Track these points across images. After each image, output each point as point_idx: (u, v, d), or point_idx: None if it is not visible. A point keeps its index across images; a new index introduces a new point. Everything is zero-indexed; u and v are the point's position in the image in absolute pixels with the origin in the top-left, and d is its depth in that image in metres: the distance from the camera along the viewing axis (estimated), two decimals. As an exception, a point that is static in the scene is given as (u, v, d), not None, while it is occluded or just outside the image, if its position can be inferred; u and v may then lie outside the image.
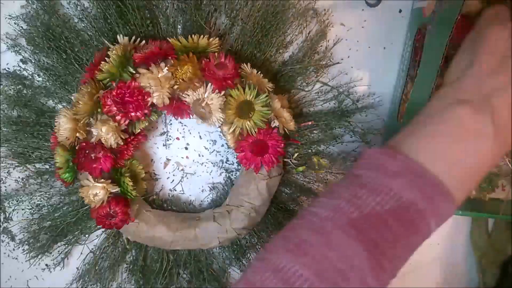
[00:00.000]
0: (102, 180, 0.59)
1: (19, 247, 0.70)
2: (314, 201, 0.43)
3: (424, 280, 0.75)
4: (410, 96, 0.59)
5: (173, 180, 0.71)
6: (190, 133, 0.70)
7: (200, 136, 0.70)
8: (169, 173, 0.71)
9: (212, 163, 0.71)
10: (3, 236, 0.72)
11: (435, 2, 0.55)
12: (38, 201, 0.69)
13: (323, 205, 0.41)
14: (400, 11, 0.65)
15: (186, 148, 0.70)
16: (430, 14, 0.56)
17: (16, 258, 0.72)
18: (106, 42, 0.61)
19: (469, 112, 0.40)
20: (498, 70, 0.42)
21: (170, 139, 0.70)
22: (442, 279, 0.75)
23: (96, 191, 0.59)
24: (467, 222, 0.73)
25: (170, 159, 0.71)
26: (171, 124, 0.69)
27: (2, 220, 0.71)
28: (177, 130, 0.70)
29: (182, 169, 0.71)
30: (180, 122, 0.69)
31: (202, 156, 0.71)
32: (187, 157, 0.71)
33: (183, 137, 0.70)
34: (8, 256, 0.73)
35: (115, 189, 0.60)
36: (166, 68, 0.57)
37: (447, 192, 0.39)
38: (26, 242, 0.69)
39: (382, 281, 0.38)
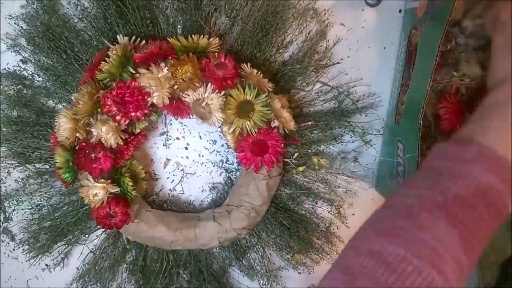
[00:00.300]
0: (102, 180, 0.59)
1: (19, 247, 0.70)
2: (392, 194, 0.44)
3: None
4: (406, 97, 0.59)
5: (173, 180, 0.71)
6: (190, 133, 0.70)
7: (200, 136, 0.70)
8: (169, 173, 0.71)
9: (212, 163, 0.71)
10: (3, 236, 0.72)
11: (427, 2, 0.55)
12: (38, 201, 0.69)
13: (404, 195, 0.42)
14: (400, 11, 0.65)
15: (186, 148, 0.70)
16: (423, 14, 0.56)
17: (16, 258, 0.72)
18: (106, 42, 0.61)
19: None
20: None
21: (170, 139, 0.70)
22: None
23: (96, 191, 0.58)
24: None
25: (170, 159, 0.71)
26: (171, 124, 0.69)
27: (2, 220, 0.71)
28: (177, 130, 0.70)
29: (182, 169, 0.71)
30: (180, 122, 0.69)
31: (202, 156, 0.71)
32: (187, 157, 0.71)
33: (183, 137, 0.70)
34: (8, 256, 0.73)
35: (115, 189, 0.60)
36: (166, 68, 0.57)
37: None
38: (26, 242, 0.69)
39: (472, 259, 0.39)
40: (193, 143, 0.70)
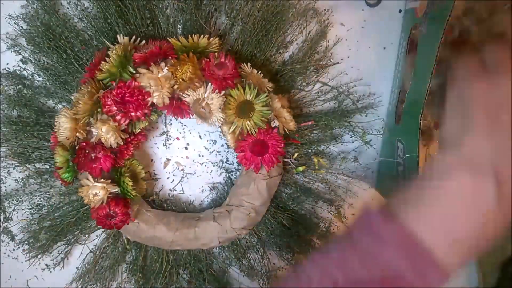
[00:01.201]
0: (102, 180, 0.59)
1: (19, 247, 0.70)
2: (310, 256, 0.43)
3: None
4: (406, 97, 0.59)
5: (173, 180, 0.71)
6: (190, 133, 0.70)
7: (200, 136, 0.70)
8: (169, 173, 0.71)
9: (212, 163, 0.71)
10: (3, 236, 0.72)
11: (427, 2, 0.55)
12: (38, 201, 0.69)
13: (315, 262, 0.41)
14: (400, 11, 0.65)
15: (186, 148, 0.70)
16: (422, 14, 0.56)
17: (16, 258, 0.72)
18: (106, 42, 0.61)
19: (470, 179, 0.38)
20: (494, 133, 0.40)
21: (170, 139, 0.70)
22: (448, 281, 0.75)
23: (95, 191, 0.58)
24: None
25: (170, 159, 0.71)
26: (171, 124, 0.69)
27: (2, 220, 0.70)
28: (177, 130, 0.70)
29: (182, 169, 0.71)
30: (180, 122, 0.69)
31: (202, 156, 0.71)
32: (187, 157, 0.71)
33: (183, 137, 0.70)
34: (8, 256, 0.73)
35: (115, 189, 0.60)
36: (166, 68, 0.57)
37: (439, 266, 0.37)
38: (26, 242, 0.69)
39: None
40: (193, 143, 0.70)
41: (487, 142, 0.40)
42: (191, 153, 0.71)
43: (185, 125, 0.70)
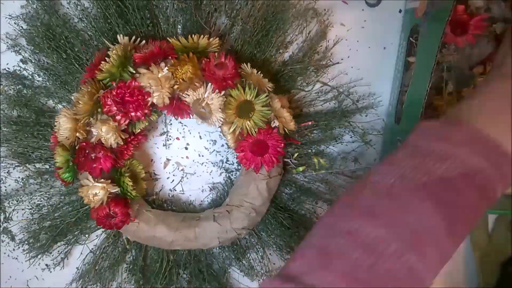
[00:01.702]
0: (102, 180, 0.59)
1: (19, 247, 0.70)
2: (371, 172, 0.42)
3: None
4: (406, 97, 0.59)
5: (173, 180, 0.71)
6: (190, 133, 0.70)
7: (200, 136, 0.70)
8: (169, 173, 0.71)
9: (212, 163, 0.71)
10: (3, 236, 0.72)
11: (426, 2, 0.55)
12: (38, 201, 0.69)
13: (384, 174, 0.40)
14: (400, 11, 0.65)
15: (186, 148, 0.70)
16: (422, 14, 0.56)
17: (16, 258, 0.72)
18: (106, 42, 0.61)
19: None
20: None
21: (170, 139, 0.70)
22: (441, 279, 0.75)
23: (95, 191, 0.58)
24: None
25: (170, 159, 0.71)
26: (171, 124, 0.69)
27: (2, 220, 0.70)
28: (177, 130, 0.70)
29: (182, 169, 0.71)
30: (180, 122, 0.69)
31: (202, 156, 0.71)
32: (187, 157, 0.71)
33: (183, 137, 0.70)
34: (8, 256, 0.73)
35: (115, 189, 0.60)
36: (166, 68, 0.57)
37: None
38: (26, 242, 0.69)
39: (456, 242, 0.38)
40: (193, 143, 0.70)
41: None
42: (191, 153, 0.71)
43: (185, 125, 0.70)
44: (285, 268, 0.39)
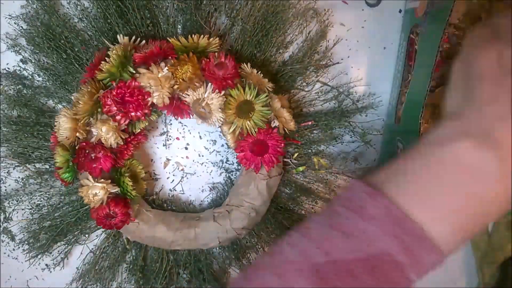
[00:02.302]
0: (102, 180, 0.59)
1: (19, 247, 0.70)
2: (287, 235, 0.39)
3: (424, 280, 0.75)
4: (405, 98, 0.59)
5: (173, 180, 0.71)
6: (190, 133, 0.70)
7: (200, 136, 0.70)
8: (169, 173, 0.71)
9: (212, 163, 0.71)
10: (3, 236, 0.72)
11: (426, 2, 0.55)
12: (38, 201, 0.69)
13: (294, 242, 0.37)
14: (400, 11, 0.65)
15: (186, 148, 0.70)
16: (422, 14, 0.56)
17: (16, 258, 0.72)
18: (106, 42, 0.61)
19: (470, 147, 0.34)
20: (496, 98, 0.36)
21: (170, 139, 0.70)
22: (442, 279, 0.75)
23: (95, 191, 0.58)
24: None
25: (170, 159, 0.71)
26: (171, 124, 0.69)
27: (2, 220, 0.70)
28: (177, 130, 0.70)
29: (182, 169, 0.71)
30: (180, 122, 0.69)
31: (202, 156, 0.71)
32: (187, 157, 0.71)
33: (183, 137, 0.70)
34: (8, 256, 0.73)
35: (115, 189, 0.60)
36: (166, 68, 0.57)
37: (431, 243, 0.34)
38: (26, 242, 0.69)
39: None
40: (193, 143, 0.70)
41: (490, 110, 0.36)
42: (191, 153, 0.71)
43: (185, 125, 0.70)
44: None
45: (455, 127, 0.37)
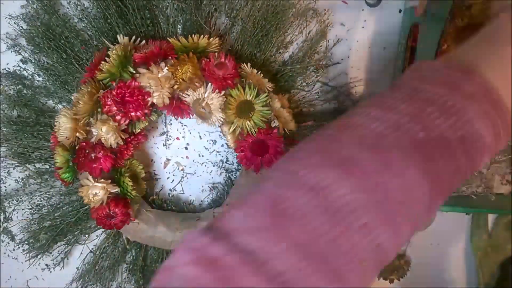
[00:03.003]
0: (102, 180, 0.59)
1: (19, 247, 0.70)
2: (356, 111, 0.34)
3: (424, 280, 0.75)
4: None
5: (173, 180, 0.71)
6: (190, 133, 0.70)
7: (200, 136, 0.70)
8: (169, 173, 0.71)
9: (212, 163, 0.71)
10: (3, 236, 0.72)
11: (426, 1, 0.55)
12: (38, 201, 0.69)
13: (375, 117, 0.32)
14: (400, 11, 0.65)
15: (186, 148, 0.70)
16: (422, 13, 0.56)
17: (16, 258, 0.73)
18: (106, 42, 0.61)
19: None
20: None
21: (170, 139, 0.70)
22: (442, 279, 0.75)
23: (95, 191, 0.58)
24: (467, 222, 0.73)
25: (170, 159, 0.71)
26: (171, 124, 0.69)
27: (2, 220, 0.71)
28: (177, 130, 0.70)
29: (182, 169, 0.71)
30: (180, 122, 0.69)
31: (202, 156, 0.71)
32: (187, 157, 0.71)
33: (183, 137, 0.70)
34: (8, 256, 0.73)
35: (115, 189, 0.60)
36: (166, 68, 0.57)
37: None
38: (26, 242, 0.69)
39: (433, 213, 0.33)
40: (193, 143, 0.70)
41: None
42: (191, 153, 0.71)
43: (185, 125, 0.70)
44: (222, 217, 0.30)
45: None
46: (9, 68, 0.66)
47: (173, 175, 0.71)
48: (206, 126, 0.67)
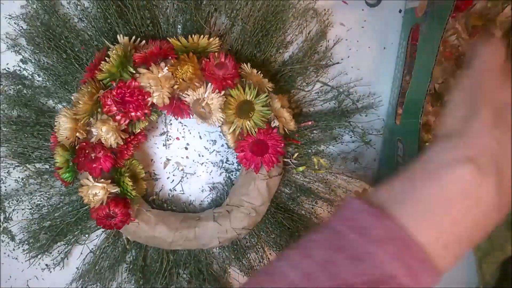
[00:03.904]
0: (102, 180, 0.59)
1: (19, 247, 0.70)
2: (285, 254, 0.38)
3: None
4: (406, 97, 0.59)
5: (173, 180, 0.71)
6: (190, 133, 0.70)
7: (200, 136, 0.70)
8: (169, 173, 0.71)
9: (212, 163, 0.71)
10: (3, 236, 0.72)
11: (427, 2, 0.55)
12: (38, 201, 0.69)
13: (293, 263, 0.36)
14: (400, 11, 0.65)
15: (186, 148, 0.70)
16: (422, 14, 0.56)
17: (16, 258, 0.73)
18: (106, 42, 0.61)
19: (473, 173, 0.35)
20: (499, 125, 0.38)
21: (170, 139, 0.70)
22: (442, 279, 0.75)
23: (95, 191, 0.58)
24: None
25: (170, 159, 0.71)
26: (171, 124, 0.69)
27: (2, 220, 0.70)
28: (177, 130, 0.70)
29: (182, 169, 0.71)
30: (180, 122, 0.69)
31: (202, 156, 0.71)
32: (187, 157, 0.71)
33: (183, 137, 0.70)
34: (8, 256, 0.73)
35: (115, 189, 0.60)
36: (166, 68, 0.57)
37: (433, 266, 0.35)
38: (26, 242, 0.69)
39: None
40: (193, 143, 0.70)
41: (490, 136, 0.37)
42: (191, 153, 0.71)
43: (185, 125, 0.70)
44: None
45: (457, 148, 0.37)
46: (9, 68, 0.66)
47: (173, 175, 0.71)
48: (206, 126, 0.67)
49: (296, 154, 0.67)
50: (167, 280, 0.70)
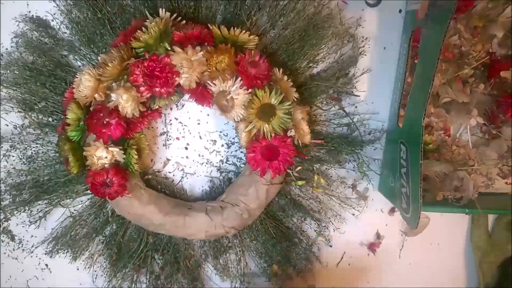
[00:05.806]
0: (113, 145, 0.58)
1: (8, 216, 0.67)
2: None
3: (424, 280, 0.77)
4: (408, 99, 0.59)
5: (173, 180, 0.71)
6: (190, 133, 0.70)
7: (200, 136, 0.70)
8: (169, 173, 0.71)
9: (212, 163, 0.71)
10: (3, 236, 0.70)
11: (428, 4, 0.55)
12: (32, 152, 0.66)
13: None
14: (400, 11, 0.66)
15: (186, 148, 0.70)
16: (424, 16, 0.57)
17: (16, 258, 0.71)
18: (146, 12, 0.60)
19: None
20: None
21: (170, 139, 0.69)
22: (442, 279, 0.77)
23: (102, 154, 0.57)
24: (467, 222, 0.75)
25: (170, 159, 0.70)
26: (171, 124, 0.69)
27: (2, 220, 0.68)
28: (177, 130, 0.69)
29: (182, 169, 0.70)
30: (180, 122, 0.69)
31: (202, 156, 0.70)
32: (187, 157, 0.70)
33: (183, 137, 0.70)
34: (8, 256, 0.72)
35: (122, 157, 0.58)
36: (202, 53, 0.57)
37: None
38: (8, 193, 0.66)
39: None
40: (193, 143, 0.70)
41: None
42: (191, 153, 0.70)
43: (185, 125, 0.69)
44: None
45: None
46: (37, 12, 0.64)
47: (173, 175, 0.71)
48: (206, 126, 0.68)
49: (299, 168, 0.67)
50: (140, 262, 0.69)
